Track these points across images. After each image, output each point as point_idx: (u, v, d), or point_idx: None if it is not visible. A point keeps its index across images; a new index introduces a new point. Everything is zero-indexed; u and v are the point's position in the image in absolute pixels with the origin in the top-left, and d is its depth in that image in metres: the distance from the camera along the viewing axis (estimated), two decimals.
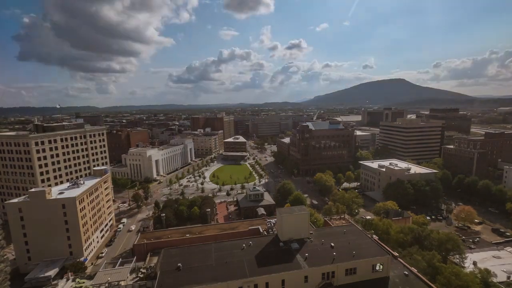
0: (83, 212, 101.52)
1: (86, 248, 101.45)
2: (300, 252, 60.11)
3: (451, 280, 66.31)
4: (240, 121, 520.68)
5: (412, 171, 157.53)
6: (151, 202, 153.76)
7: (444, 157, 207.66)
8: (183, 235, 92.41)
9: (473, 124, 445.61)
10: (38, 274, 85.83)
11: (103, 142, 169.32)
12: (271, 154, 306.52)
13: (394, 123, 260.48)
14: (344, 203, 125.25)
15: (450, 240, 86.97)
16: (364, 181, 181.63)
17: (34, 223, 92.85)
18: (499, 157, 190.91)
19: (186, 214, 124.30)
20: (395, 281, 56.25)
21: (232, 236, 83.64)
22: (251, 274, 52.80)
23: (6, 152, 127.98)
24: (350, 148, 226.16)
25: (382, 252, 59.36)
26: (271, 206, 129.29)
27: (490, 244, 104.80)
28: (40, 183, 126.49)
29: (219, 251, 61.75)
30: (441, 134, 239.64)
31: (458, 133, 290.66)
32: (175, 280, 51.94)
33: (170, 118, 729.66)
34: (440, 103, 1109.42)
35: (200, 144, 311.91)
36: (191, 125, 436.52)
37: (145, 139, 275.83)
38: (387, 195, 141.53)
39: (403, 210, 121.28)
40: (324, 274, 55.27)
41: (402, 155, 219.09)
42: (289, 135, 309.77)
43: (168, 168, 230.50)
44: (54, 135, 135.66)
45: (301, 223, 66.03)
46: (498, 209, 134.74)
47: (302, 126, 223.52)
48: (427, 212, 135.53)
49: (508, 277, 77.65)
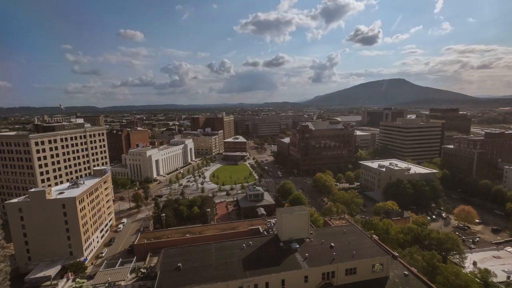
0: (83, 212, 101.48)
1: (86, 248, 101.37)
2: (300, 252, 60.15)
3: (451, 280, 66.32)
4: (240, 121, 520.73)
5: (412, 171, 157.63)
6: (151, 202, 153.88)
7: (444, 157, 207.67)
8: (183, 235, 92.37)
9: (473, 124, 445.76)
10: (38, 274, 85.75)
11: (103, 142, 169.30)
12: (271, 154, 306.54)
13: (394, 123, 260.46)
14: (344, 203, 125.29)
15: (449, 240, 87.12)
16: (364, 181, 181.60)
17: (34, 223, 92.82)
18: (499, 157, 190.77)
19: (186, 214, 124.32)
20: (395, 281, 56.29)
21: (232, 236, 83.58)
22: (251, 274, 52.83)
23: (6, 152, 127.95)
24: (350, 148, 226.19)
25: (382, 252, 59.40)
26: (271, 206, 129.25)
27: (490, 244, 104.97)
28: (40, 183, 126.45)
29: (219, 251, 61.79)
30: (441, 134, 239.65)
31: (458, 133, 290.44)
32: (175, 280, 51.98)
33: (170, 118, 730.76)
34: (440, 103, 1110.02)
35: (200, 144, 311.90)
36: (191, 125, 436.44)
37: (145, 139, 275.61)
38: (387, 195, 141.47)
39: (403, 210, 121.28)
40: (324, 274, 55.34)
41: (402, 155, 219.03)
42: (289, 135, 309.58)
43: (168, 168, 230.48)
44: (54, 135, 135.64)
45: (301, 223, 66.09)
46: (503, 211, 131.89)
47: (302, 126, 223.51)
48: (427, 212, 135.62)
49: (508, 277, 77.71)
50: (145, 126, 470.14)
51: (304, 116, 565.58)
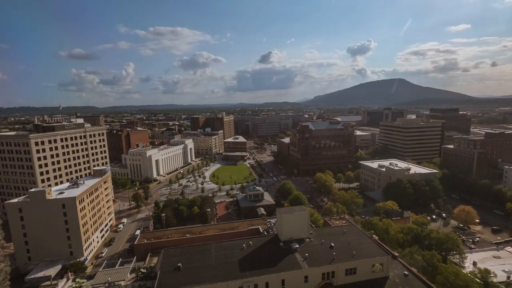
0: (83, 212, 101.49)
1: (86, 248, 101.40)
2: (300, 252, 60.13)
3: (451, 280, 66.33)
4: (240, 121, 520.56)
5: (412, 171, 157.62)
6: (151, 202, 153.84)
7: (444, 157, 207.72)
8: (183, 235, 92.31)
9: (473, 124, 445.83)
10: (38, 274, 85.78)
11: (103, 142, 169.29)
12: (271, 154, 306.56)
13: (394, 123, 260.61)
14: (344, 203, 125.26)
15: (449, 240, 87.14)
16: (364, 181, 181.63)
17: (34, 223, 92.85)
18: (499, 157, 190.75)
19: (186, 214, 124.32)
20: (395, 281, 56.29)
21: (232, 236, 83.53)
22: (251, 274, 52.81)
23: (6, 152, 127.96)
24: (350, 148, 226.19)
25: (382, 252, 59.38)
26: (271, 206, 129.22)
27: (490, 244, 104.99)
28: (40, 183, 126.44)
29: (219, 251, 61.76)
30: (441, 134, 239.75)
31: (458, 133, 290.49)
32: (175, 280, 51.97)
33: (170, 118, 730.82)
34: (440, 103, 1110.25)
35: (200, 144, 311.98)
36: (191, 125, 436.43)
37: (145, 139, 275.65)
38: (387, 195, 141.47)
39: (403, 210, 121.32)
40: (324, 274, 55.33)
41: (402, 155, 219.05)
42: (289, 135, 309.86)
43: (168, 168, 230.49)
44: (54, 135, 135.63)
45: (301, 223, 66.04)
46: (503, 211, 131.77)
47: (302, 126, 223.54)
48: (427, 212, 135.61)
49: (508, 277, 77.71)
50: (145, 126, 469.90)
51: (304, 116, 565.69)
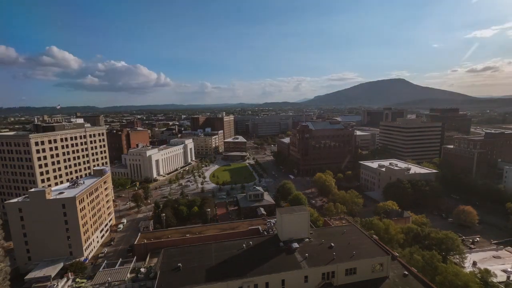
0: (83, 212, 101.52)
1: (86, 248, 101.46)
2: (300, 252, 60.10)
3: (451, 280, 66.31)
4: (240, 121, 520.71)
5: (412, 171, 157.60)
6: (151, 202, 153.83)
7: (444, 157, 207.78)
8: (183, 235, 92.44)
9: (473, 124, 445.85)
10: (38, 274, 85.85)
11: (103, 142, 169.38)
12: (271, 154, 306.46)
13: (394, 123, 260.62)
14: (344, 203, 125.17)
15: (449, 240, 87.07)
16: (364, 181, 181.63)
17: (34, 223, 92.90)
18: (499, 157, 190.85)
19: (186, 214, 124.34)
20: (394, 281, 56.29)
21: (232, 236, 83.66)
22: (251, 274, 52.79)
23: (6, 152, 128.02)
24: (350, 148, 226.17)
25: (382, 252, 59.33)
26: (271, 206, 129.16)
27: (490, 244, 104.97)
28: (40, 183, 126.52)
29: (219, 251, 61.73)
30: (441, 134, 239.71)
31: (458, 133, 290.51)
32: (175, 280, 51.96)
33: (170, 118, 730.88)
34: (440, 103, 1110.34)
35: (200, 144, 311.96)
36: (191, 125, 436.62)
37: (145, 139, 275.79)
38: (387, 195, 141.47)
39: (403, 210, 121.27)
40: (324, 274, 55.31)
41: (402, 155, 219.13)
42: (289, 135, 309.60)
43: (168, 168, 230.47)
44: (54, 135, 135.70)
45: (301, 223, 66.00)
46: (503, 211, 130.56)
47: (302, 126, 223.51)
48: (427, 212, 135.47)
49: (508, 277, 77.66)
50: (145, 126, 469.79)
51: (304, 116, 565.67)
